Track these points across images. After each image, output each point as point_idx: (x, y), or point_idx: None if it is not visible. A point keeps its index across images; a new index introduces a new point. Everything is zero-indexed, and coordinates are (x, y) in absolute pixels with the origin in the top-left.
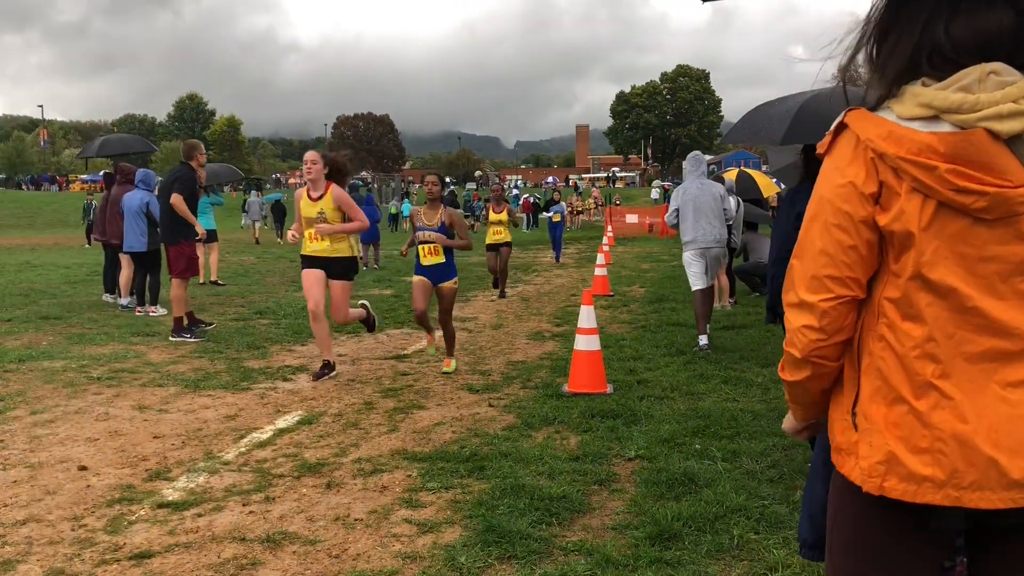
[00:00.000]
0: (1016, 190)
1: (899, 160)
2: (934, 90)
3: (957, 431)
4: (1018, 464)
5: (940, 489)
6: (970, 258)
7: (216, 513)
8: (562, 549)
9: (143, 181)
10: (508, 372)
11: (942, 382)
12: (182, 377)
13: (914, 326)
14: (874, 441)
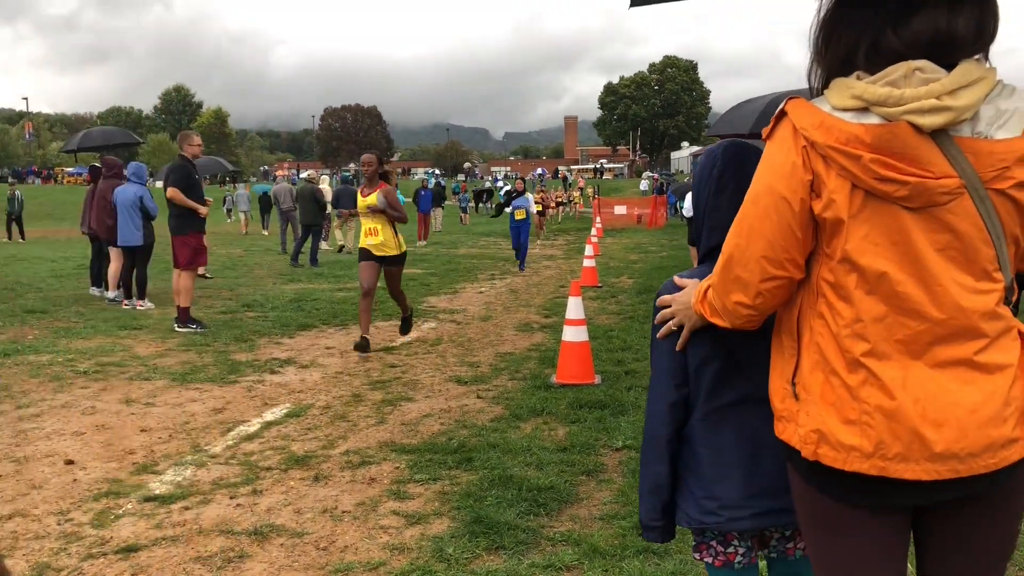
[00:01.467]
0: (937, 181)
1: (827, 148)
2: (865, 83)
3: (884, 405)
4: (943, 437)
5: (867, 459)
6: (898, 244)
7: (203, 506)
8: (550, 539)
9: (135, 174)
10: (496, 364)
11: (870, 360)
12: (169, 370)
13: (846, 306)
14: (811, 411)
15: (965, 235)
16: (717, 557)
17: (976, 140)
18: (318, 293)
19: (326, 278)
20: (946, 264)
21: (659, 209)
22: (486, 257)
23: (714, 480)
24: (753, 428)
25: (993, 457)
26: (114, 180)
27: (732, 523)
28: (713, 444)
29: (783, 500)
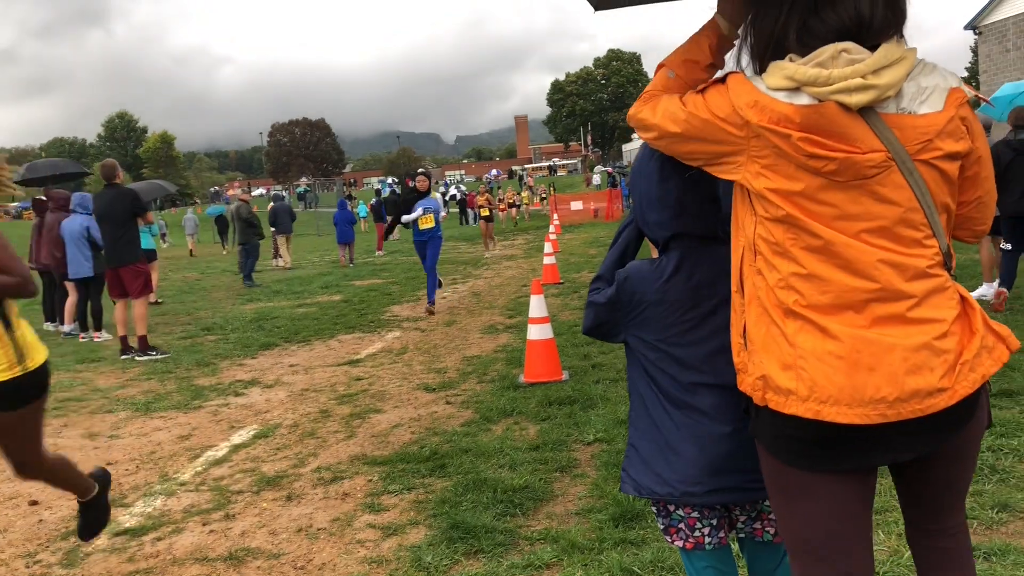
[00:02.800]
0: (864, 155)
1: (759, 128)
2: (796, 64)
3: (816, 350)
4: (873, 382)
5: (803, 402)
6: (828, 215)
7: (176, 535)
8: (528, 539)
9: (80, 205)
10: (463, 368)
11: (806, 311)
12: (132, 401)
13: (783, 261)
14: (755, 359)
15: (894, 206)
16: (687, 540)
17: (901, 116)
18: (278, 311)
19: (285, 295)
20: (874, 235)
21: (614, 202)
22: (446, 262)
23: (672, 452)
24: (714, 407)
25: (920, 404)
26: (61, 213)
27: (686, 497)
28: (674, 418)
29: (740, 478)
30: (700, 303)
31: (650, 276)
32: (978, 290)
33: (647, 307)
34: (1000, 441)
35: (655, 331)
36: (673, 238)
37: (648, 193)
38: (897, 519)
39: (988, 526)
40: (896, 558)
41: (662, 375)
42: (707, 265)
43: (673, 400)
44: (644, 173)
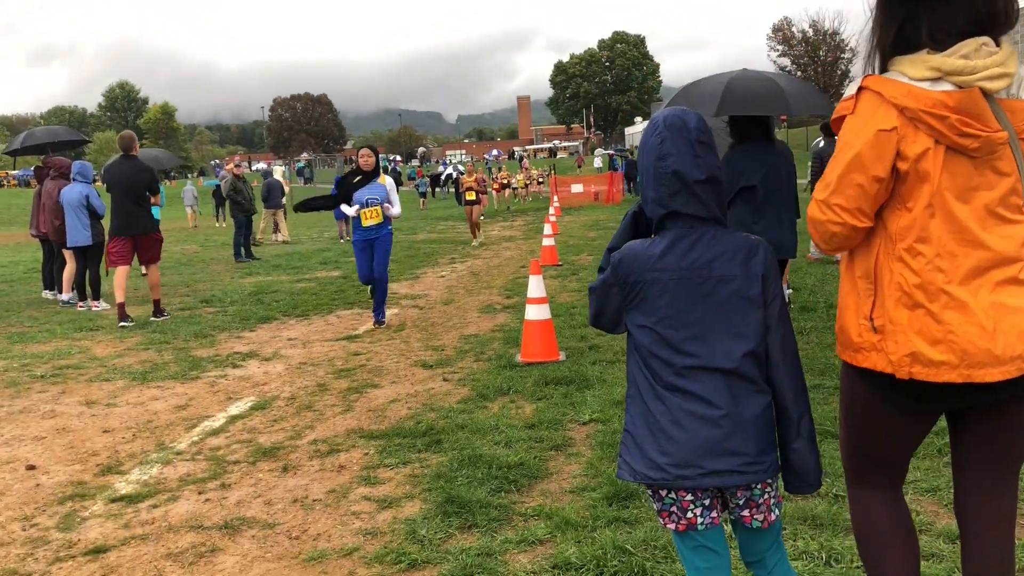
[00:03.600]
0: (996, 134)
1: (918, 112)
2: (941, 57)
3: (963, 324)
4: (1009, 344)
5: (954, 370)
6: (962, 188)
7: (171, 503)
8: (522, 515)
9: (80, 174)
10: (461, 346)
11: (949, 287)
12: (129, 370)
13: (926, 247)
14: (899, 339)
15: (1007, 177)
16: (679, 523)
17: (1011, 100)
18: (277, 285)
19: (284, 270)
20: (999, 203)
21: (615, 186)
22: (445, 241)
23: (664, 437)
24: (706, 390)
25: None
26: (61, 180)
27: (679, 481)
28: (667, 403)
29: (734, 462)
30: (695, 283)
31: (643, 255)
32: None
33: (642, 287)
34: None
35: (650, 313)
36: (669, 216)
37: (648, 169)
38: None
39: None
40: None
41: (655, 360)
42: (703, 246)
43: (666, 384)
44: (646, 149)
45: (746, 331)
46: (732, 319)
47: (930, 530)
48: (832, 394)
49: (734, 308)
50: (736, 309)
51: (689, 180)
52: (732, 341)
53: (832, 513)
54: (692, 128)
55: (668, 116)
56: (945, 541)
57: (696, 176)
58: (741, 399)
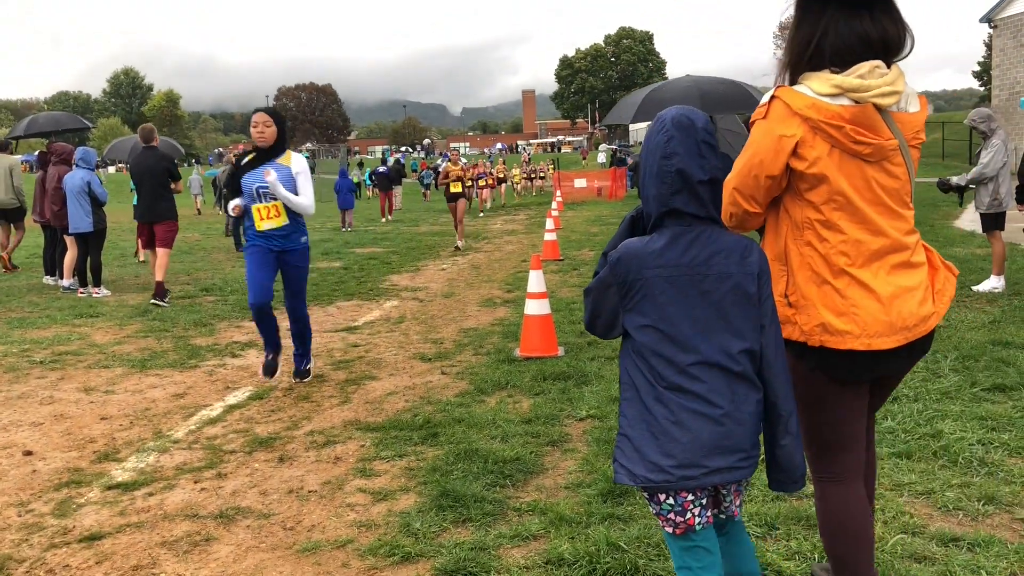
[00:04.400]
0: (888, 141)
1: (819, 122)
2: (841, 76)
3: (864, 299)
4: (901, 316)
5: (857, 339)
6: (862, 187)
7: (167, 492)
8: (516, 510)
9: (83, 160)
10: (460, 339)
11: (852, 269)
12: (128, 357)
13: (833, 234)
14: (809, 312)
15: (899, 177)
16: (677, 527)
17: (901, 113)
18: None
19: None
20: (891, 199)
21: (618, 181)
22: (447, 234)
23: (666, 438)
24: (708, 389)
25: (924, 325)
26: (63, 167)
27: (683, 481)
28: (669, 403)
29: (733, 459)
30: (695, 280)
31: (643, 252)
32: (987, 283)
33: (642, 284)
34: (991, 435)
35: (652, 311)
36: (668, 214)
37: (652, 166)
38: (884, 507)
39: (973, 518)
40: (881, 544)
41: (657, 359)
42: (701, 243)
43: (668, 384)
44: (651, 146)
45: (743, 328)
46: (730, 316)
47: (923, 533)
48: None
49: (732, 305)
50: (734, 306)
51: (692, 180)
52: (731, 338)
53: None
54: (699, 128)
55: (676, 115)
56: (938, 544)
57: (699, 176)
58: (739, 396)
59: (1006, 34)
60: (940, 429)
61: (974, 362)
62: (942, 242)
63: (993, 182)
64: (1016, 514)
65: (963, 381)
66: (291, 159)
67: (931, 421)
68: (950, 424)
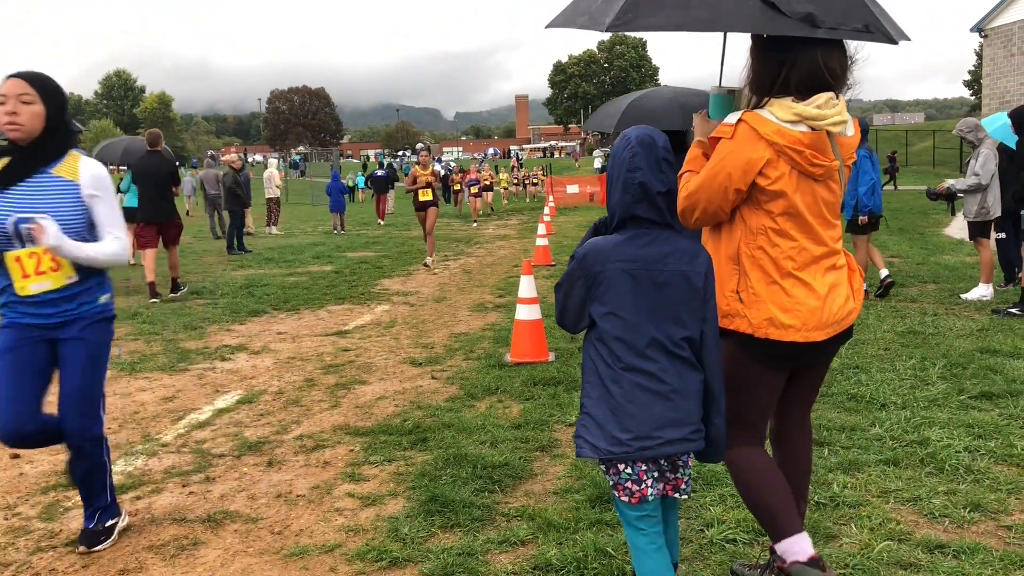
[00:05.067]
0: (833, 163)
1: (783, 147)
2: (802, 106)
3: (806, 298)
4: (831, 312)
5: (798, 332)
6: (810, 202)
7: (155, 495)
8: (504, 515)
9: None
10: (451, 344)
11: (799, 271)
12: (117, 361)
13: (784, 240)
14: (758, 307)
15: (836, 193)
16: (633, 496)
17: (842, 137)
18: (268, 279)
19: (276, 263)
20: (829, 212)
21: None
22: (439, 238)
23: (624, 414)
24: (662, 368)
25: (847, 320)
26: None
27: (641, 452)
28: (627, 381)
29: (685, 431)
30: (651, 274)
31: (607, 248)
32: (975, 291)
33: (607, 276)
34: (977, 443)
35: (613, 300)
36: (631, 219)
37: (618, 179)
38: (871, 514)
39: (959, 525)
40: (867, 551)
41: (616, 343)
42: (659, 244)
43: (624, 365)
44: (618, 161)
45: (688, 319)
46: (678, 308)
47: (909, 539)
48: (817, 401)
49: (680, 299)
50: (682, 300)
51: (652, 191)
52: (677, 327)
53: (813, 521)
54: (660, 147)
55: (640, 135)
56: (924, 551)
57: (659, 188)
58: (685, 375)
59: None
60: (927, 436)
61: (962, 370)
62: (932, 249)
63: (982, 191)
64: (1002, 521)
65: (951, 389)
66: (78, 169)
67: (918, 428)
68: (937, 431)
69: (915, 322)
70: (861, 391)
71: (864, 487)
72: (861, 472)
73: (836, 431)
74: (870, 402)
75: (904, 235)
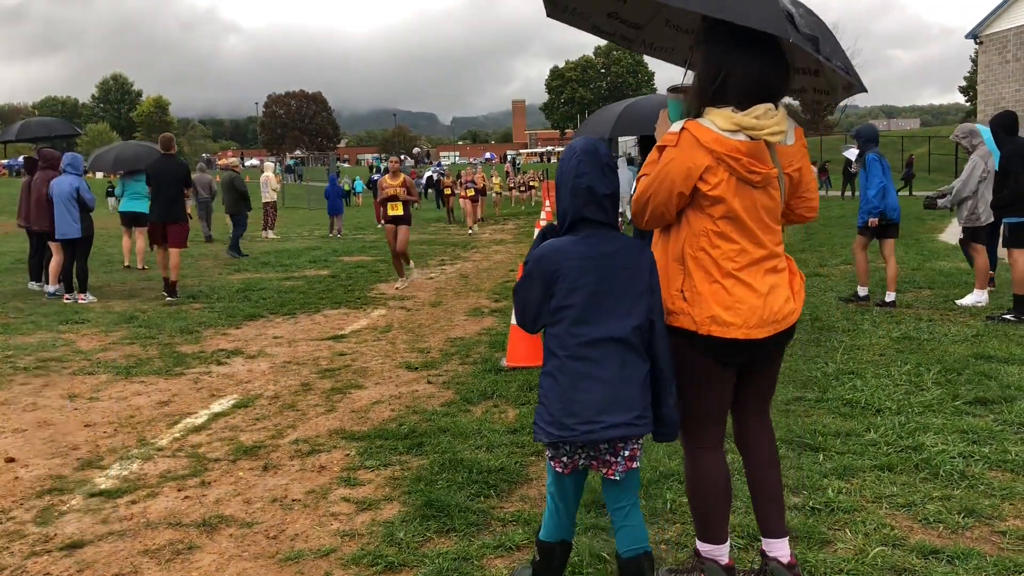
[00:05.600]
0: (772, 171)
1: (722, 155)
2: (741, 116)
3: (747, 297)
4: (771, 311)
5: (739, 329)
6: (749, 207)
7: (150, 499)
8: (500, 520)
9: (71, 165)
10: (447, 349)
11: (739, 272)
12: (113, 364)
13: (724, 242)
14: (702, 305)
15: (775, 199)
16: (566, 467)
17: (782, 146)
18: (265, 283)
19: (273, 268)
20: (768, 217)
21: None
22: (436, 243)
23: (572, 401)
24: (605, 357)
25: (788, 319)
26: (51, 172)
27: (586, 435)
28: (574, 370)
29: (627, 416)
30: (600, 270)
31: (560, 248)
32: (970, 296)
33: (562, 273)
34: (972, 448)
35: (569, 294)
36: (580, 220)
37: (567, 184)
38: (865, 519)
39: (953, 530)
40: (861, 557)
41: (567, 335)
42: (606, 242)
43: (572, 354)
44: (565, 168)
45: (635, 311)
46: (626, 300)
47: (903, 545)
48: (812, 407)
49: (628, 292)
50: (629, 293)
51: (598, 194)
52: (626, 317)
53: (808, 526)
54: (602, 155)
55: (584, 145)
56: (918, 556)
57: (603, 191)
58: (629, 364)
59: (991, 50)
60: (922, 442)
61: (956, 375)
62: (927, 255)
63: (972, 198)
64: (996, 527)
65: (945, 394)
66: None
67: (913, 434)
68: (932, 437)
69: (910, 328)
70: (856, 396)
71: (859, 492)
72: (855, 477)
73: (831, 436)
74: (865, 407)
75: (899, 241)
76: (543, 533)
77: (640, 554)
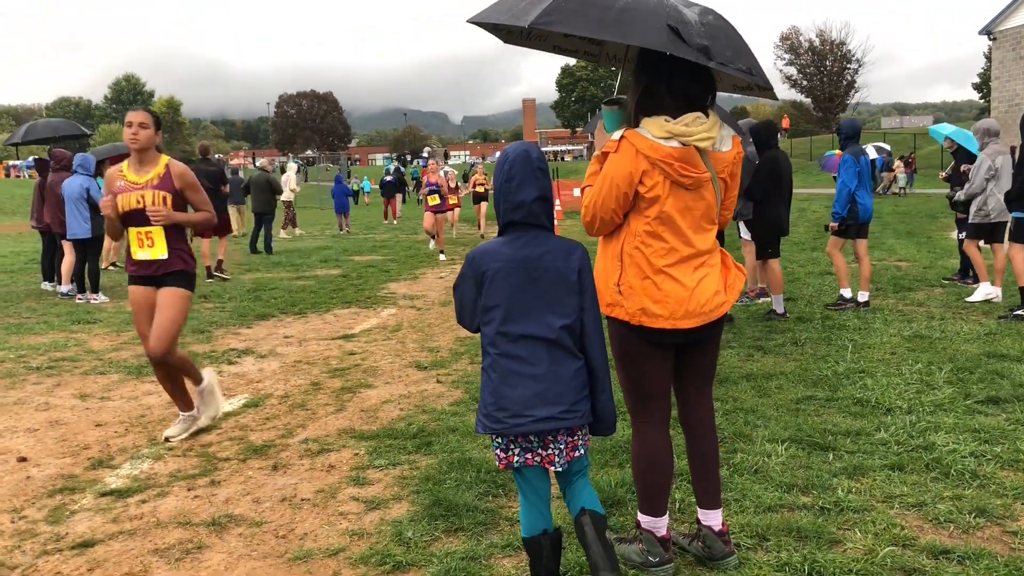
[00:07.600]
0: (703, 174)
1: (656, 160)
2: (672, 123)
3: (675, 291)
4: (699, 303)
5: (667, 320)
6: (682, 208)
7: (161, 499)
8: (508, 519)
9: (82, 166)
10: (456, 348)
11: (669, 268)
12: (124, 364)
13: (655, 241)
14: (634, 299)
15: (708, 202)
16: (501, 461)
17: (715, 152)
18: (276, 282)
19: (284, 267)
20: (700, 218)
21: None
22: (446, 242)
23: (502, 397)
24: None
25: (718, 310)
26: (63, 173)
27: (516, 428)
28: (503, 367)
29: (554, 410)
30: (530, 272)
31: (491, 250)
32: (979, 291)
33: (491, 274)
34: (983, 448)
35: (496, 296)
36: (511, 223)
37: (500, 188)
38: (875, 519)
39: (964, 530)
40: (871, 557)
41: (498, 334)
42: (535, 244)
43: (502, 352)
44: (499, 173)
45: (564, 310)
46: (554, 300)
47: (914, 545)
48: (822, 406)
49: (556, 291)
50: (558, 292)
51: (528, 199)
52: (554, 317)
53: (817, 526)
54: (534, 159)
55: (515, 150)
56: (928, 557)
57: (533, 195)
58: (558, 361)
59: (1005, 46)
60: (933, 441)
61: (968, 374)
62: (939, 253)
63: (981, 195)
64: (1007, 527)
65: (957, 393)
66: None
67: (924, 433)
68: (943, 436)
69: (921, 326)
70: (867, 395)
71: (869, 492)
72: (866, 477)
73: (841, 436)
74: (875, 407)
75: (912, 239)
76: (524, 531)
77: (582, 514)
